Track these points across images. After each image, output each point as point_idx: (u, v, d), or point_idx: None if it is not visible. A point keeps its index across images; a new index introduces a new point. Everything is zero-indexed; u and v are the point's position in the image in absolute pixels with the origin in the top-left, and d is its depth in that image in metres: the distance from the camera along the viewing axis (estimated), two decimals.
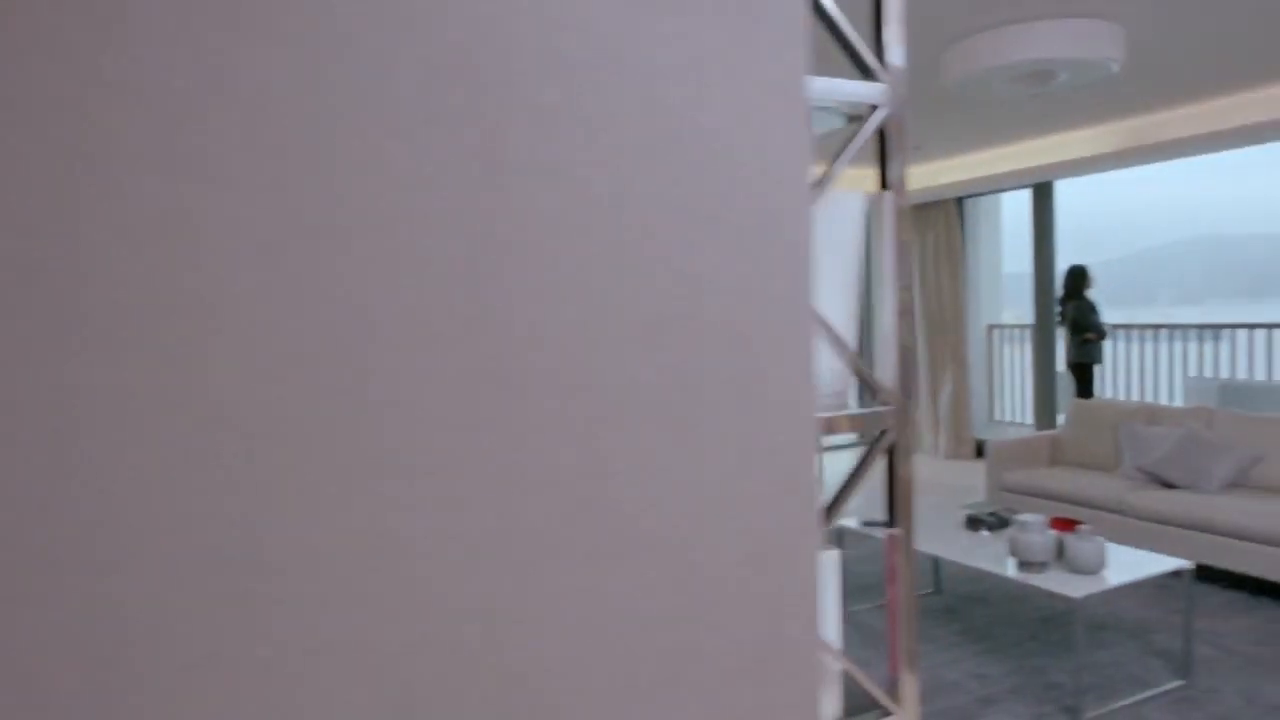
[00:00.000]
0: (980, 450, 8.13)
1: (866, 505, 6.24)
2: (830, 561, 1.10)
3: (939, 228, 8.10)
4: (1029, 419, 8.91)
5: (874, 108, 1.14)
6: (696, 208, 0.77)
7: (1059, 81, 3.81)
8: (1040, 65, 3.45)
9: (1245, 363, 7.36)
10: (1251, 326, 7.44)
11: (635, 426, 0.75)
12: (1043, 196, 7.31)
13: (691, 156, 0.76)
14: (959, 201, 8.07)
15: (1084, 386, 6.84)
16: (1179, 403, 7.55)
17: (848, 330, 1.16)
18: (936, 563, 4.26)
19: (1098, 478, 4.90)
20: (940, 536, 3.85)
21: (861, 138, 1.13)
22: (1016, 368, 8.85)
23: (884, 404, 1.16)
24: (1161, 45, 4.09)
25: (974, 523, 3.81)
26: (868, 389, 1.17)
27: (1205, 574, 4.39)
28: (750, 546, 0.81)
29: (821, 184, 1.10)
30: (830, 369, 1.14)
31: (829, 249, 1.16)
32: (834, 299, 1.16)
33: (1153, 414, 5.10)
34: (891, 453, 1.19)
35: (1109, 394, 7.77)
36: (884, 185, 1.17)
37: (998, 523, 3.77)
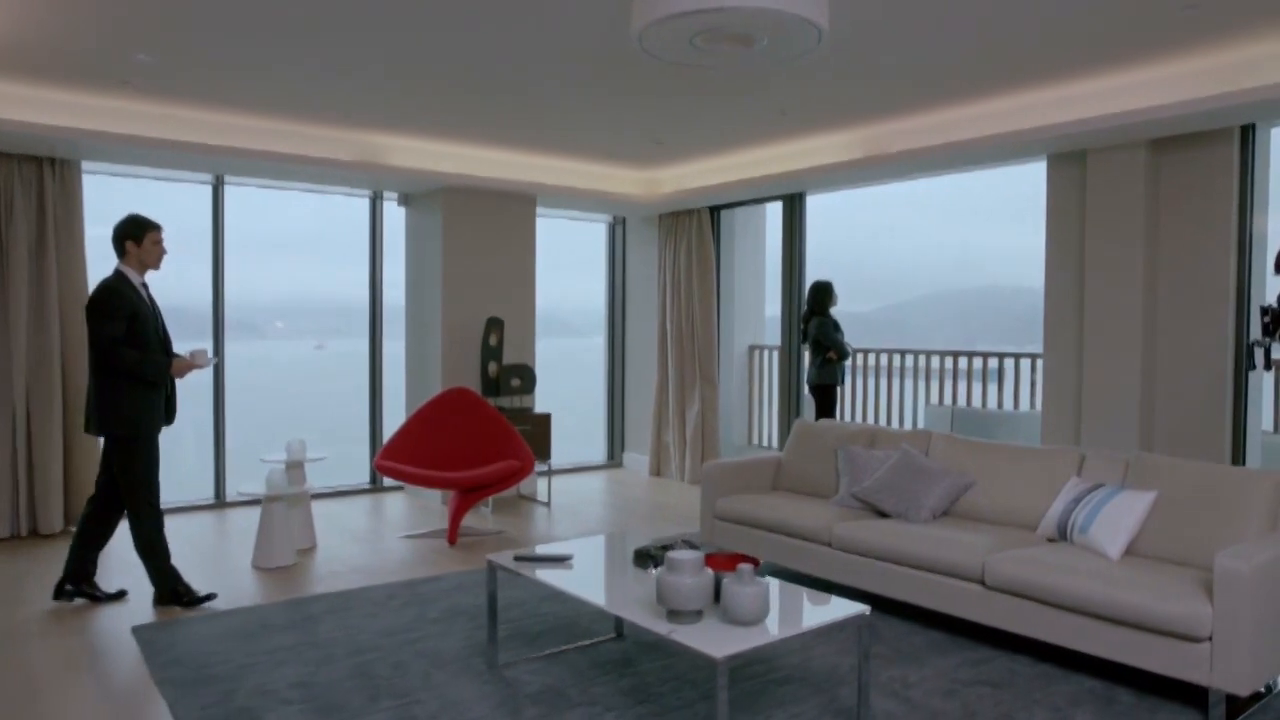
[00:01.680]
0: None
1: (566, 525, 5.54)
2: None
3: (691, 238, 7.65)
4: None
5: None
6: None
7: (763, 48, 3.27)
8: (731, 18, 2.88)
9: (993, 393, 7.36)
10: (987, 355, 7.45)
11: None
12: (794, 208, 7.01)
13: None
14: (714, 212, 7.67)
15: (825, 409, 6.52)
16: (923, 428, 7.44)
17: None
18: None
19: (812, 505, 4.43)
20: (606, 576, 3.17)
21: None
22: (778, 390, 8.56)
23: None
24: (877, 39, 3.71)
25: (643, 559, 3.15)
26: None
27: (910, 611, 3.98)
28: None
29: None
30: None
31: None
32: None
33: (874, 437, 4.72)
34: None
35: (854, 420, 7.56)
36: None
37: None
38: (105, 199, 5.85)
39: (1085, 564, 3.28)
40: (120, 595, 4.17)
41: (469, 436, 5.69)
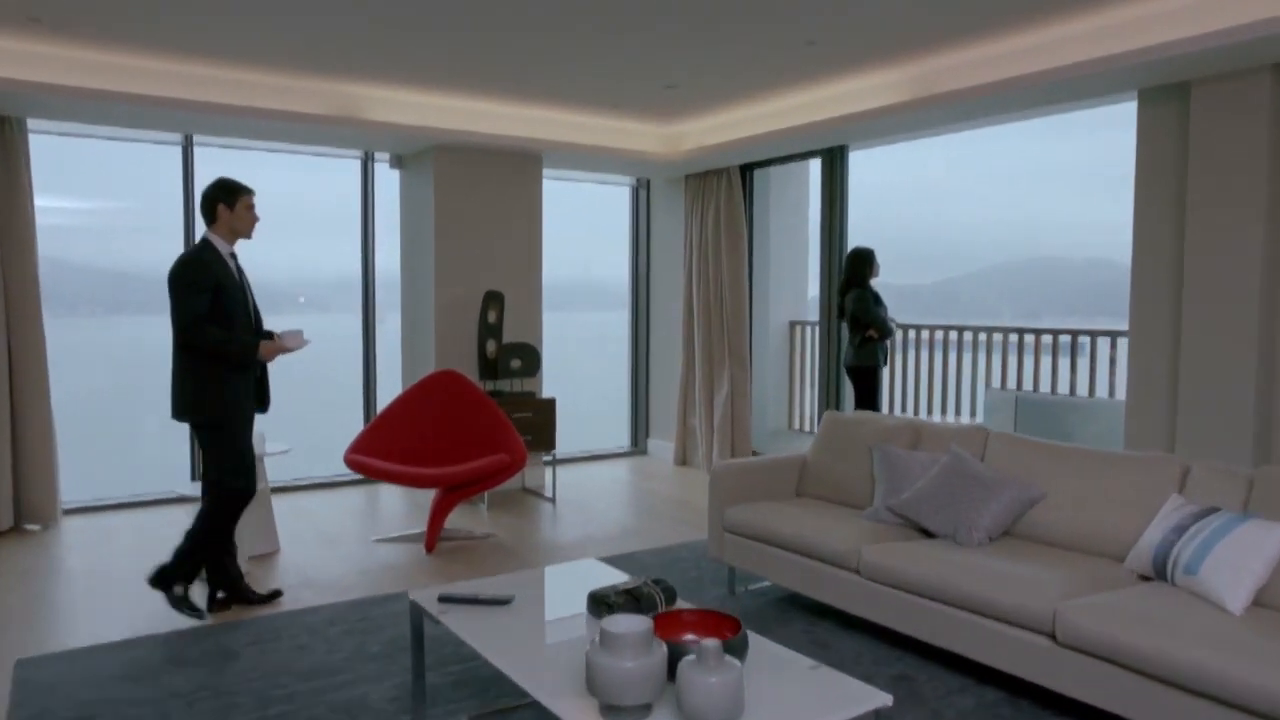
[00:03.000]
0: None
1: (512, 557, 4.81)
2: None
3: (720, 201, 6.83)
4: None
5: None
6: None
7: None
8: None
9: (1065, 375, 6.43)
10: (1057, 332, 6.51)
11: None
12: (834, 165, 6.13)
13: None
14: (745, 171, 6.82)
15: (865, 395, 5.68)
16: (982, 419, 6.55)
17: None
18: None
19: (841, 518, 3.65)
20: (547, 632, 2.45)
21: None
22: (820, 370, 7.73)
23: None
24: None
25: (598, 606, 2.42)
26: None
27: (957, 661, 3.18)
28: None
29: None
30: None
31: None
32: None
33: (918, 434, 3.90)
34: None
35: (899, 409, 6.69)
36: None
37: (630, 605, 2.39)
38: (57, 163, 5.30)
39: (1195, 619, 2.45)
40: (275, 596, 3.88)
41: (455, 426, 5.02)
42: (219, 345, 3.48)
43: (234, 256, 3.67)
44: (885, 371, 5.85)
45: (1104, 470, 3.23)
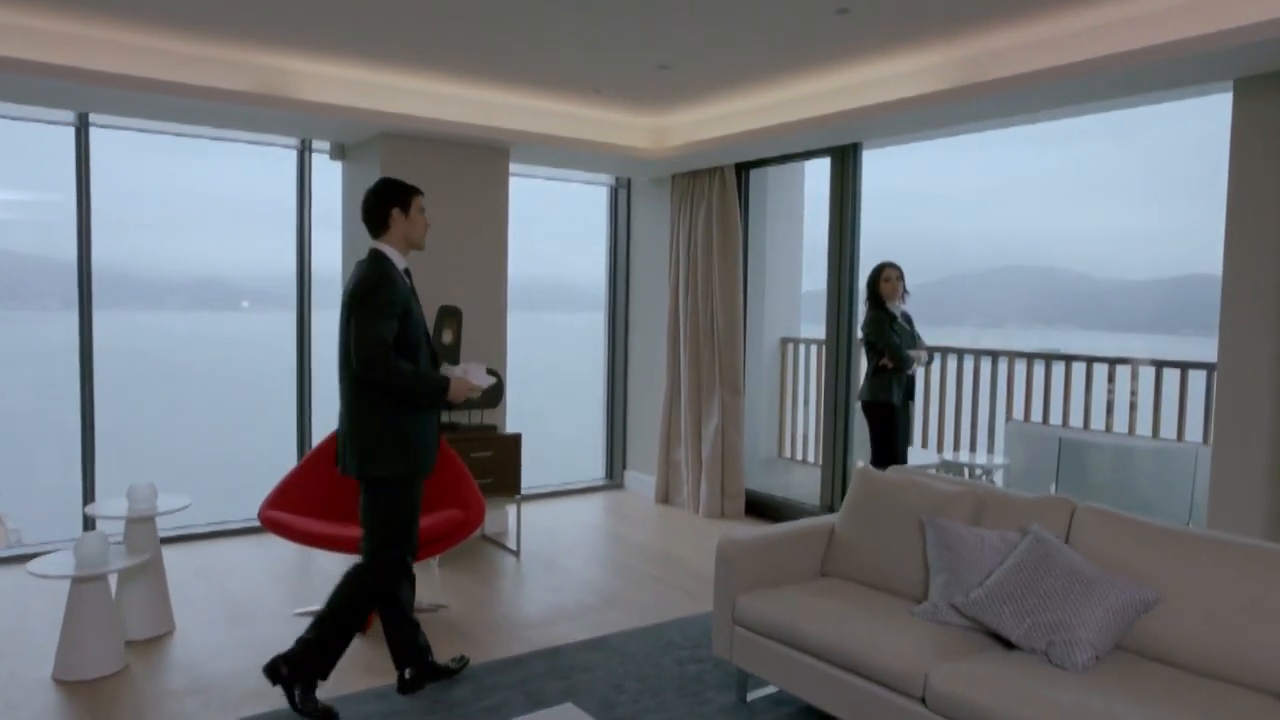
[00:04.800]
0: (754, 505, 6.11)
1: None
2: None
3: (711, 205, 6.00)
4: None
5: None
6: None
7: None
8: None
9: (1098, 407, 5.70)
10: (1091, 359, 5.79)
11: None
12: (846, 164, 5.34)
13: None
14: (741, 171, 6.01)
15: (879, 439, 4.82)
16: (1000, 457, 5.79)
17: None
18: None
19: (889, 616, 2.82)
20: None
21: None
22: (814, 389, 6.95)
23: None
24: None
25: None
26: None
27: None
28: None
29: None
30: None
31: None
32: None
33: (981, 505, 3.09)
34: None
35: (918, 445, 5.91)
36: None
37: None
38: None
39: None
40: (462, 665, 3.33)
41: None
42: (409, 382, 2.91)
43: (409, 273, 3.07)
44: (914, 410, 4.98)
45: (1244, 564, 2.44)
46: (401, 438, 2.95)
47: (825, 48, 4.07)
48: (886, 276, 4.75)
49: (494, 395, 5.02)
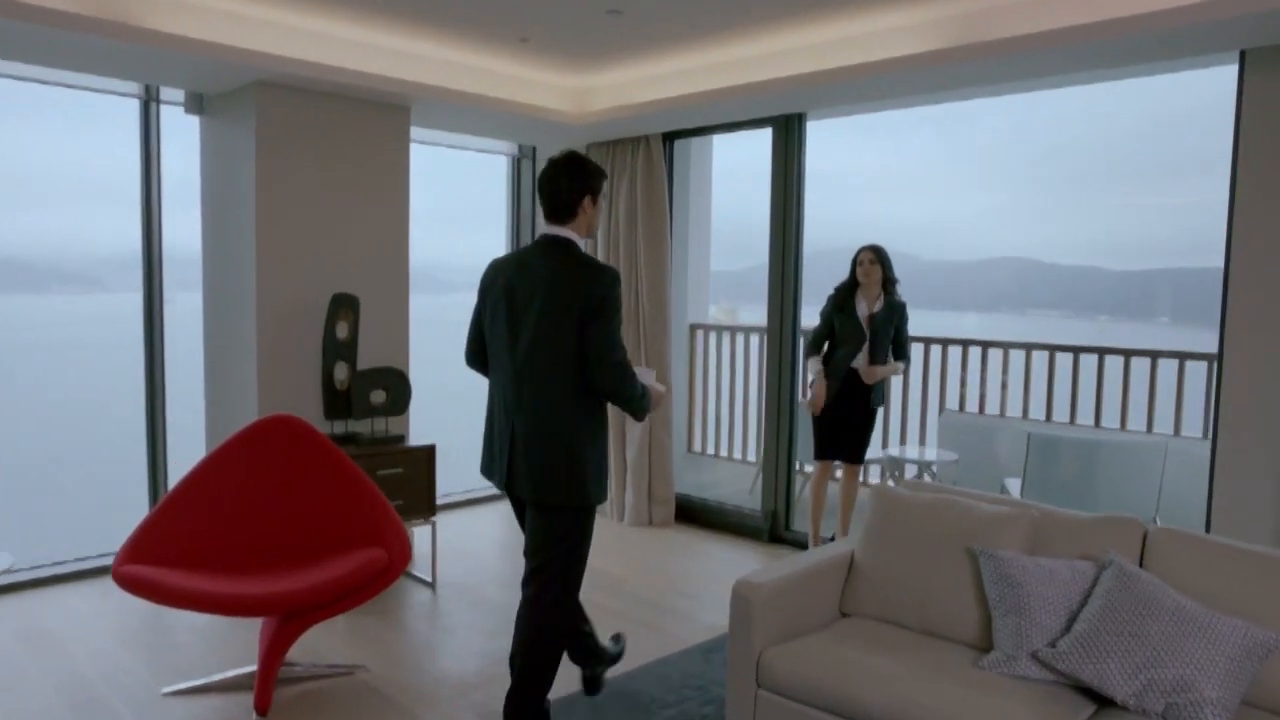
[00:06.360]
0: (684, 511, 5.58)
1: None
2: None
3: (635, 178, 5.38)
4: (741, 451, 6.61)
5: None
6: None
7: None
8: None
9: (1061, 394, 5.53)
10: (1056, 349, 5.62)
11: None
12: (790, 134, 4.86)
13: None
14: (668, 140, 5.42)
15: (819, 435, 4.41)
16: (930, 451, 5.52)
17: None
18: None
19: (961, 671, 2.34)
20: None
21: None
22: (727, 380, 6.51)
23: None
24: None
25: None
26: None
27: None
28: None
29: None
30: None
31: None
32: None
33: (1036, 529, 2.66)
34: None
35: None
36: None
37: None
38: None
39: None
40: (619, 642, 3.18)
41: (298, 507, 3.32)
42: (644, 394, 2.63)
43: None
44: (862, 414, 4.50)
45: None
46: (596, 460, 2.65)
47: (776, 8, 3.54)
48: (859, 260, 4.30)
49: (400, 397, 4.25)
